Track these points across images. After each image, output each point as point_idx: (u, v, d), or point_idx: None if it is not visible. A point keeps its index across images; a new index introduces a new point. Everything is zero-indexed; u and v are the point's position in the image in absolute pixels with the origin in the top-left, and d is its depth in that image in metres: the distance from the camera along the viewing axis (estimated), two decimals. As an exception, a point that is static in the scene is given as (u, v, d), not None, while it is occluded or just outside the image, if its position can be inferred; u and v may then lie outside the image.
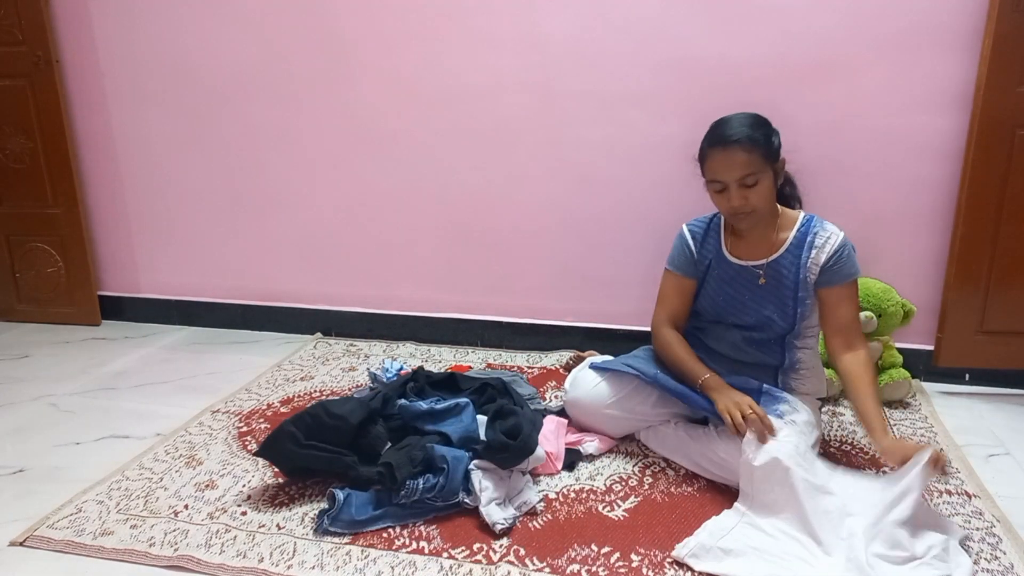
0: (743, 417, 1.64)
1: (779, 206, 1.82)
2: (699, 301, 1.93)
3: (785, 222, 1.81)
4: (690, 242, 1.90)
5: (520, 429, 1.71)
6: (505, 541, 1.57)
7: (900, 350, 2.28)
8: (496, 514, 1.59)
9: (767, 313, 1.80)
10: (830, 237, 1.74)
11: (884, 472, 1.78)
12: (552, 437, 1.90)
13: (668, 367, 1.89)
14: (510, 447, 1.67)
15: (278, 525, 1.65)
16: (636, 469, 1.86)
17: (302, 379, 2.51)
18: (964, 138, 2.17)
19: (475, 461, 1.71)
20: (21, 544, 1.61)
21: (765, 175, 1.69)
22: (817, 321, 1.83)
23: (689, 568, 1.47)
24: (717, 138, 1.71)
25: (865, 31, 2.18)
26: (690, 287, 1.92)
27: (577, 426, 2.00)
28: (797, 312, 1.78)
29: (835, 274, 1.74)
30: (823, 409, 2.13)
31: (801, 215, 1.81)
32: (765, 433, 1.60)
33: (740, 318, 1.85)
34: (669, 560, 1.50)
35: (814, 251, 1.75)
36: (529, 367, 2.57)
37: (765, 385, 1.79)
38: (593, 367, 1.98)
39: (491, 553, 1.53)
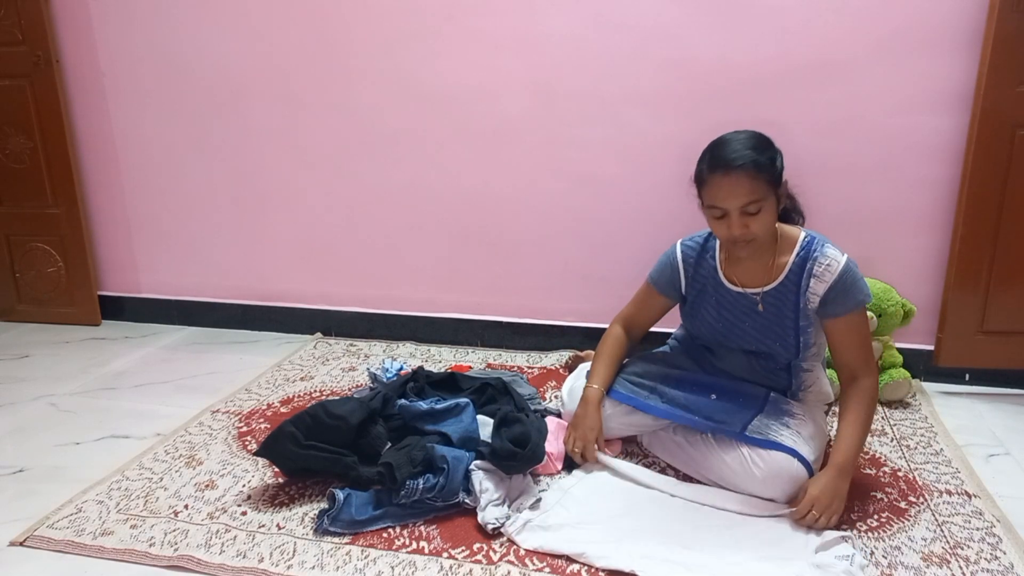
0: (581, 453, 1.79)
1: (779, 225, 1.70)
2: (697, 326, 1.87)
3: (785, 245, 1.69)
4: (680, 265, 1.81)
5: (528, 438, 1.70)
6: (505, 541, 1.57)
7: (900, 350, 2.28)
8: (490, 514, 1.59)
9: (768, 343, 1.74)
10: (830, 264, 1.62)
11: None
12: (552, 438, 1.89)
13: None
14: (518, 456, 1.67)
15: (278, 525, 1.65)
16: (636, 469, 1.86)
17: (302, 379, 2.51)
18: (964, 138, 2.17)
19: (476, 462, 1.71)
20: (21, 544, 1.61)
21: (769, 202, 1.56)
22: (818, 339, 1.76)
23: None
24: (719, 162, 1.56)
25: (865, 31, 2.18)
26: (662, 305, 1.88)
27: None
28: (799, 341, 1.71)
29: (839, 305, 1.63)
30: (828, 412, 2.13)
31: (801, 236, 1.69)
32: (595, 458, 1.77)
33: (741, 344, 1.79)
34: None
35: (813, 280, 1.64)
36: (529, 367, 2.57)
37: (772, 394, 1.78)
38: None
39: (491, 553, 1.53)
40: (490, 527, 1.57)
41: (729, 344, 1.82)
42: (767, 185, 1.55)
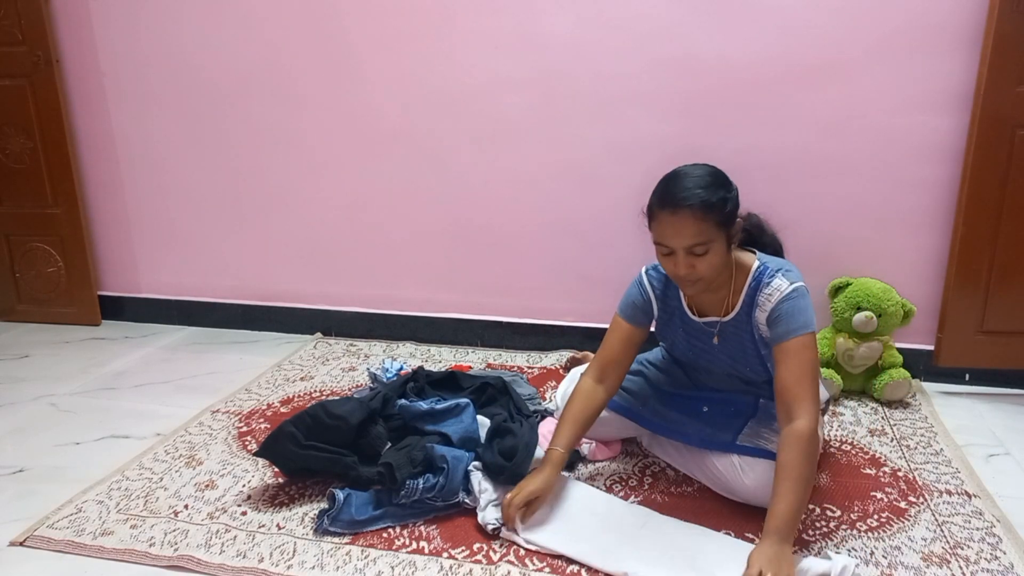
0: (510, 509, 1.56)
1: (737, 255, 1.65)
2: (671, 349, 1.87)
3: (740, 277, 1.63)
4: (649, 293, 1.76)
5: (516, 452, 1.70)
6: (505, 541, 1.57)
7: (900, 350, 2.28)
8: (490, 514, 1.59)
9: (739, 367, 1.72)
10: (772, 293, 1.56)
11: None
12: (546, 443, 1.89)
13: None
14: (505, 469, 1.67)
15: (278, 525, 1.65)
16: (636, 470, 1.86)
17: (302, 379, 2.51)
18: (964, 138, 2.17)
19: (475, 462, 1.72)
20: (21, 544, 1.61)
21: (717, 243, 1.51)
22: None
23: None
24: (667, 199, 1.51)
25: (865, 31, 2.18)
26: (638, 336, 1.77)
27: None
28: (767, 366, 1.68)
29: (775, 329, 1.55)
30: (825, 412, 2.13)
31: (754, 267, 1.62)
32: (512, 521, 1.56)
33: (713, 368, 1.78)
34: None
35: (757, 310, 1.60)
36: (529, 367, 2.57)
37: (762, 400, 1.77)
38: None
39: (491, 553, 1.53)
40: (490, 527, 1.57)
41: (703, 367, 1.82)
42: (716, 226, 1.49)
